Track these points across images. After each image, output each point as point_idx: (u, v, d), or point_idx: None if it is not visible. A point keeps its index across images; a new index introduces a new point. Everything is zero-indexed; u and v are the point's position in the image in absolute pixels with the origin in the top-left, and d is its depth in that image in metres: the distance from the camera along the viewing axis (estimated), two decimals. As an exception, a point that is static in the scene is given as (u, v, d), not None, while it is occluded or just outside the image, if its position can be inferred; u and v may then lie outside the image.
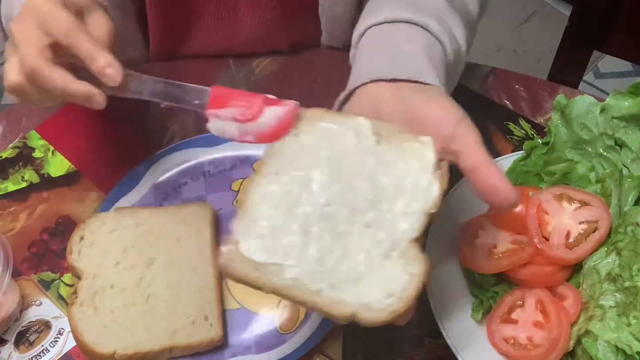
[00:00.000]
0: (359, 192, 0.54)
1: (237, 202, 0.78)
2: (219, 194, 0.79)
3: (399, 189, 0.54)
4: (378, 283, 0.51)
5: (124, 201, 0.78)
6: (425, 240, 0.60)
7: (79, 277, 0.71)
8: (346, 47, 0.95)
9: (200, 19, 0.90)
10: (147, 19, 0.89)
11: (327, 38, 0.94)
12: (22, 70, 0.59)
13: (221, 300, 0.70)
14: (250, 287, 0.53)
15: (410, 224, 0.53)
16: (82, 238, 0.73)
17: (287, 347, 0.68)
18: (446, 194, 0.56)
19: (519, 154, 0.75)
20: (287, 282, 0.51)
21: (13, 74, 0.60)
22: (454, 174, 0.74)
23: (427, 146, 0.55)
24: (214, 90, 0.59)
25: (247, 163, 0.81)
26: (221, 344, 0.69)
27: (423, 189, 0.54)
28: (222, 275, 0.71)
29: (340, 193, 0.54)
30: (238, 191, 0.79)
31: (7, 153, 0.84)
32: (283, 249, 0.52)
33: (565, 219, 0.67)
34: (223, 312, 0.70)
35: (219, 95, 0.58)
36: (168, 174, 0.80)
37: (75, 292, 0.70)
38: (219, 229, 0.75)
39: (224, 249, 0.53)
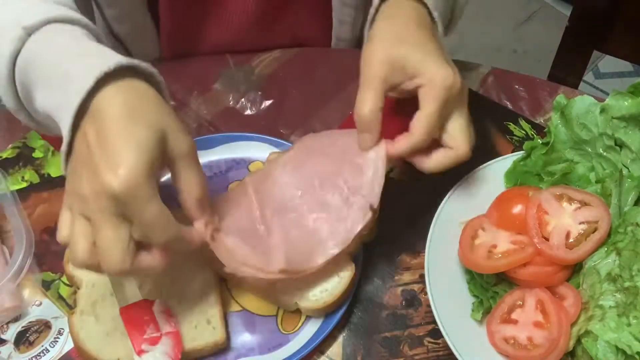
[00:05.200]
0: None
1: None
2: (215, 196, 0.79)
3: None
4: (317, 281, 0.68)
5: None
6: (360, 250, 0.72)
7: (78, 287, 0.71)
8: (353, 45, 0.96)
9: (208, 15, 0.90)
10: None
11: (338, 26, 0.94)
12: (102, 269, 0.57)
13: (222, 303, 0.70)
14: (225, 274, 0.69)
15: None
16: None
17: (290, 348, 0.68)
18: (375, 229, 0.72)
19: (519, 154, 0.75)
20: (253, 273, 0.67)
21: (81, 253, 0.56)
22: (452, 175, 0.74)
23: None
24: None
25: (243, 165, 0.81)
26: (225, 347, 0.69)
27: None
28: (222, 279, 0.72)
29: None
30: (235, 193, 0.79)
31: (7, 153, 0.84)
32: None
33: (565, 219, 0.67)
34: (225, 315, 0.70)
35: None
36: (164, 178, 0.79)
37: (75, 302, 0.70)
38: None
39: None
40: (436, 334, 0.70)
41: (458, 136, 0.65)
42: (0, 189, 0.77)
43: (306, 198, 0.68)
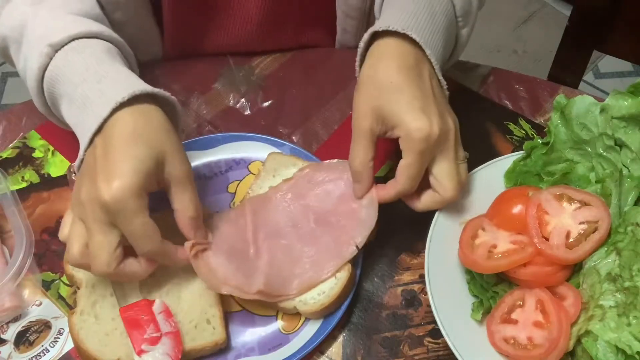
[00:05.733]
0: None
1: (233, 204, 0.78)
2: (215, 196, 0.79)
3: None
4: None
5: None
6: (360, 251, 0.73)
7: (78, 287, 0.71)
8: (356, 47, 0.96)
9: (210, 17, 0.91)
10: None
11: (341, 35, 0.94)
12: (91, 270, 0.63)
13: (222, 303, 0.70)
14: None
15: None
16: None
17: (290, 348, 0.68)
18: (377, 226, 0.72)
19: (519, 154, 0.75)
20: None
21: (74, 253, 0.63)
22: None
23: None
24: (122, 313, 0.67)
25: (243, 165, 0.81)
26: (225, 347, 0.69)
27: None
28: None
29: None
30: (234, 193, 0.79)
31: (7, 153, 0.84)
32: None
33: (565, 219, 0.67)
34: (225, 315, 0.70)
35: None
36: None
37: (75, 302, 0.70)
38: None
39: None
40: (436, 334, 0.70)
41: (443, 181, 0.67)
42: (0, 189, 0.77)
43: (299, 229, 0.72)
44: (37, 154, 0.84)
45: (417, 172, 0.66)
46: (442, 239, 0.70)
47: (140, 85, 0.65)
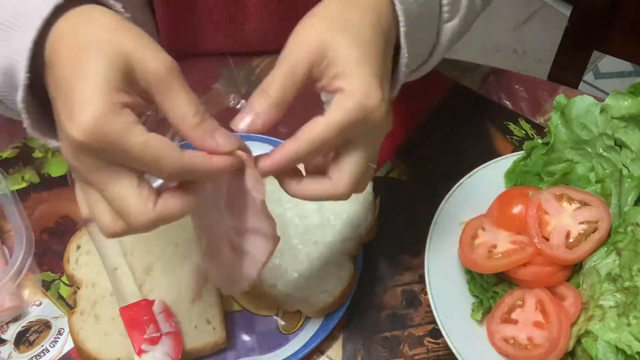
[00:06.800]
0: (311, 220, 0.72)
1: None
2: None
3: (341, 220, 0.72)
4: (316, 283, 0.69)
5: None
6: (360, 250, 0.72)
7: (78, 287, 0.71)
8: None
9: (208, 17, 0.90)
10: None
11: None
12: (132, 228, 0.48)
13: (222, 303, 0.70)
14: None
15: (345, 245, 0.71)
16: (78, 247, 0.73)
17: (290, 348, 0.68)
18: (377, 222, 0.73)
19: (519, 154, 0.75)
20: None
21: (105, 226, 0.49)
22: (453, 175, 0.74)
23: (369, 189, 0.72)
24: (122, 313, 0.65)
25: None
26: (225, 347, 0.69)
27: (361, 218, 0.72)
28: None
29: (298, 220, 0.72)
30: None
31: (7, 153, 0.84)
32: None
33: (565, 219, 0.67)
34: (225, 315, 0.70)
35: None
36: (164, 177, 0.79)
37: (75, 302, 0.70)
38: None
39: None
40: (436, 334, 0.70)
41: (345, 172, 0.52)
42: (0, 189, 0.77)
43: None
44: (37, 154, 0.84)
45: (329, 138, 0.51)
46: (442, 239, 0.70)
47: None
